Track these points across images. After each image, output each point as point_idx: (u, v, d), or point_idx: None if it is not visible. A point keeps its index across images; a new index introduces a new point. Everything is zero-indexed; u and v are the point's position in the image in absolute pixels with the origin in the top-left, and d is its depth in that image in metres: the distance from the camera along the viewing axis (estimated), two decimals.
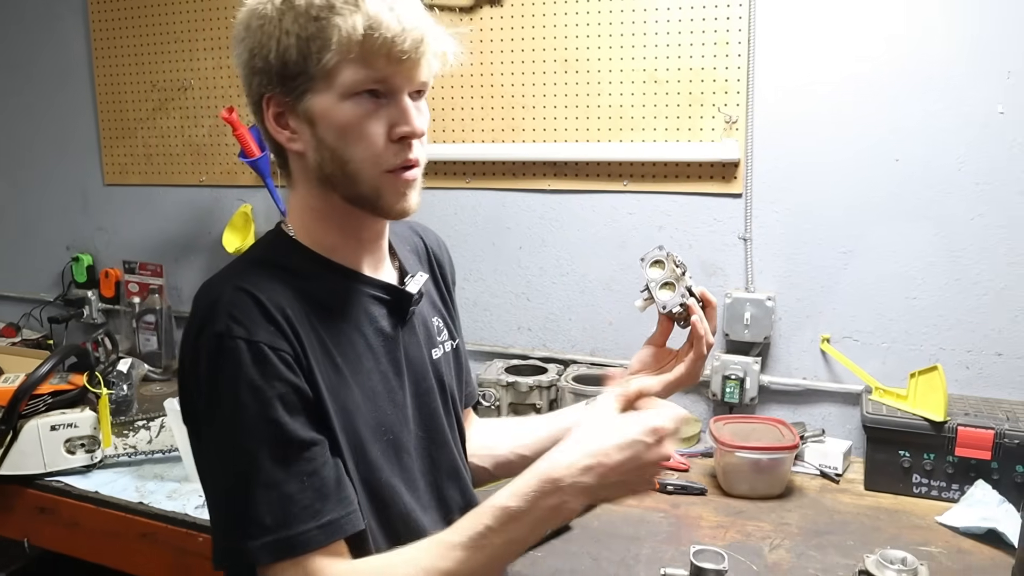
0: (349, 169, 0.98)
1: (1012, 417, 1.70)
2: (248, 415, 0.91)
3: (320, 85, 0.95)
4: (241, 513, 0.91)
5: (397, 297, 1.09)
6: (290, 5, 0.94)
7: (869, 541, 1.48)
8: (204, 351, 0.93)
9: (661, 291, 1.25)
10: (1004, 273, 1.82)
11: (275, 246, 1.06)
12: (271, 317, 0.94)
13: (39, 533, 1.85)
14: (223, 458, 0.93)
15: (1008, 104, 1.76)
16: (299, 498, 0.91)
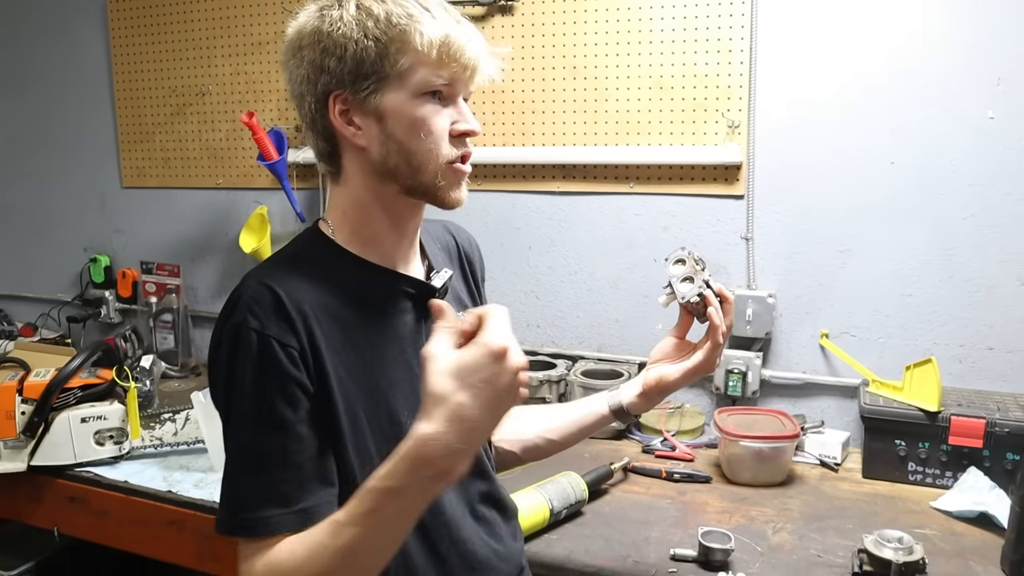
0: (415, 160, 1.07)
1: (1002, 407, 1.78)
2: (250, 401, 1.00)
3: (393, 84, 1.04)
4: (232, 487, 1.01)
5: (423, 291, 1.16)
6: (369, 13, 1.03)
7: (867, 525, 1.55)
8: (225, 339, 1.02)
9: (681, 284, 1.33)
10: (995, 271, 1.90)
11: (309, 243, 1.13)
12: (286, 314, 1.01)
13: (69, 522, 1.92)
14: (229, 435, 1.03)
15: (998, 110, 1.84)
16: (279, 484, 0.99)
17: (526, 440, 1.39)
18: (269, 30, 2.49)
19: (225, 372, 1.02)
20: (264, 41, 2.50)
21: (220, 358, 1.03)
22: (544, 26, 2.18)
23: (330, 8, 1.05)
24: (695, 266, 1.32)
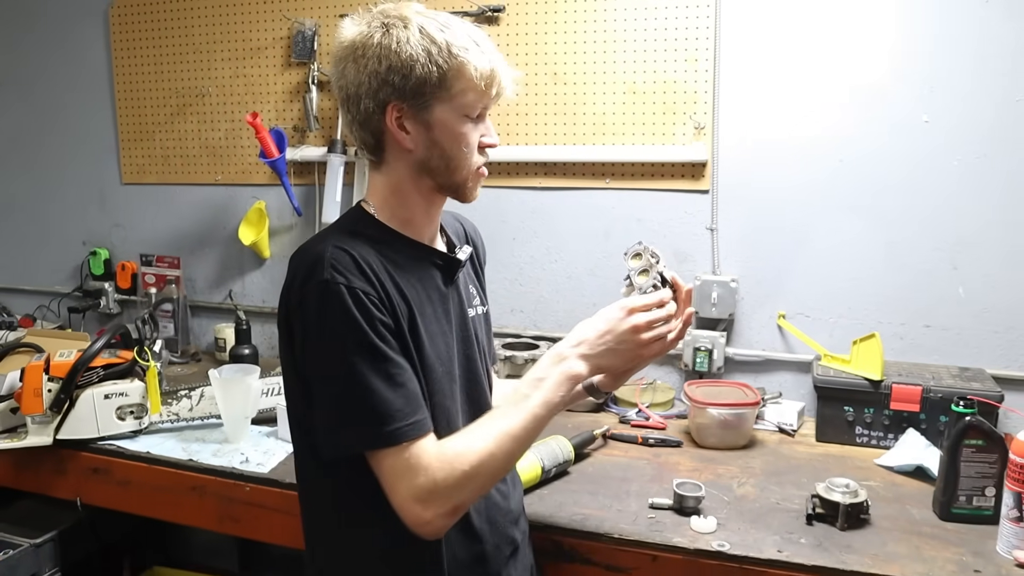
0: (452, 165, 1.28)
1: (936, 377, 2.01)
2: (352, 341, 1.17)
3: (445, 102, 1.24)
4: (350, 414, 1.18)
5: (448, 262, 1.37)
6: (433, 40, 1.21)
7: (820, 478, 1.71)
8: (312, 295, 1.18)
9: (639, 277, 1.51)
10: (930, 258, 2.13)
11: (359, 220, 1.32)
12: (363, 269, 1.20)
13: (92, 492, 2.05)
14: (334, 375, 1.18)
15: (931, 114, 2.07)
16: (392, 402, 1.18)
17: None
18: (268, 36, 2.64)
19: (319, 322, 1.18)
20: (263, 46, 2.65)
21: (309, 312, 1.18)
22: (527, 35, 2.37)
23: (394, 26, 1.22)
24: (650, 259, 1.49)
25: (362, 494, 1.24)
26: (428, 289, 1.32)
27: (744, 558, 1.51)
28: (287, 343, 1.25)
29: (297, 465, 1.40)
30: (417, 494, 1.17)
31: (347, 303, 1.17)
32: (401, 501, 1.18)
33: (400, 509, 1.18)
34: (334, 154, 2.52)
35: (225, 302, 2.86)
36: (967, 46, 2.03)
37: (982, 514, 1.61)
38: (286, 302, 1.24)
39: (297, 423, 1.33)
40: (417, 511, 1.18)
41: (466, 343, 1.39)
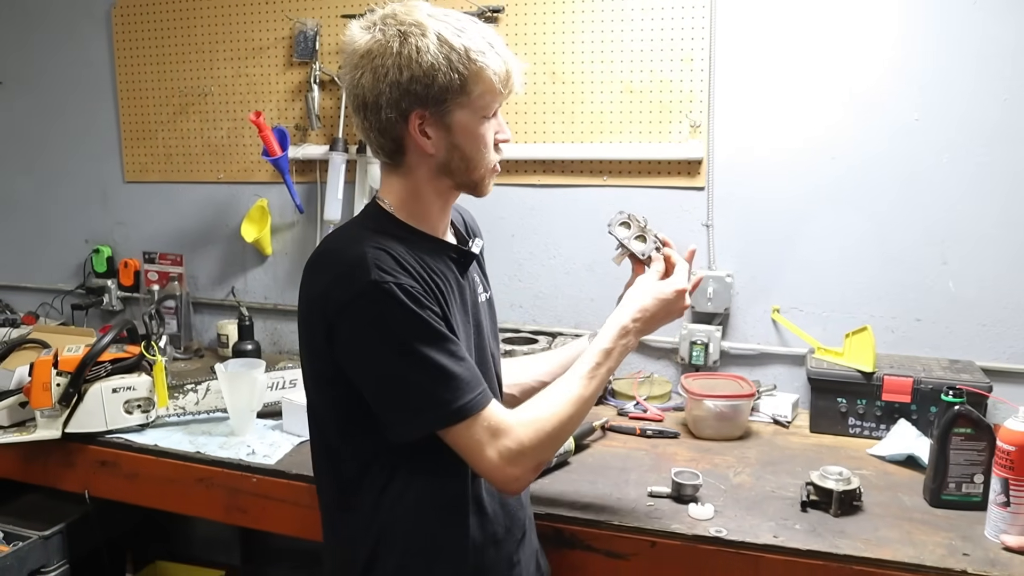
0: (472, 164, 1.33)
1: (927, 369, 2.06)
2: (412, 331, 1.22)
3: (465, 106, 1.28)
4: (426, 396, 1.23)
5: (462, 255, 1.42)
6: (451, 47, 1.24)
7: (813, 467, 1.76)
8: (364, 296, 1.21)
9: (636, 243, 1.57)
10: (921, 253, 2.18)
11: (384, 219, 1.35)
12: (404, 266, 1.24)
13: (100, 484, 2.09)
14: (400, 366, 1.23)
15: (922, 113, 2.12)
16: (463, 377, 1.24)
17: (524, 384, 1.65)
18: (270, 36, 2.68)
19: (375, 321, 1.22)
20: (265, 46, 2.69)
21: (362, 313, 1.22)
22: (527, 36, 2.41)
23: (411, 34, 1.24)
24: (640, 225, 1.57)
25: (396, 483, 1.32)
26: (449, 281, 1.36)
27: (740, 543, 1.56)
28: (327, 344, 1.27)
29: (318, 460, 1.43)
30: (507, 455, 1.26)
31: (400, 299, 1.21)
32: (491, 464, 1.26)
33: (490, 471, 1.27)
34: (336, 152, 2.56)
35: (228, 299, 2.90)
36: (957, 46, 2.08)
37: (971, 500, 1.65)
38: (324, 306, 1.26)
39: (318, 420, 1.38)
40: (508, 470, 1.27)
41: (477, 330, 1.44)
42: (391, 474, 1.33)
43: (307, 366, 1.37)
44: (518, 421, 1.28)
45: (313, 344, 1.31)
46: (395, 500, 1.34)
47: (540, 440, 1.29)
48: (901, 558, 1.48)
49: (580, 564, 1.65)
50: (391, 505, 1.34)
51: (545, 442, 1.30)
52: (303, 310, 1.34)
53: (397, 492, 1.33)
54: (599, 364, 1.39)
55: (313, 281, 1.30)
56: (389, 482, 1.33)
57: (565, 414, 1.33)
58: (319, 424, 1.39)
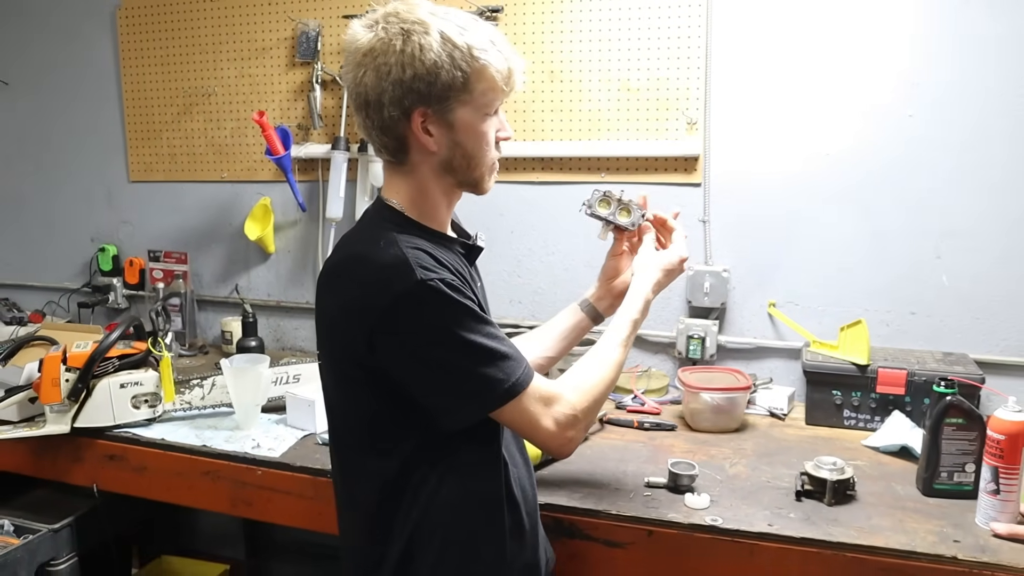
0: (474, 162, 1.36)
1: (921, 361, 2.09)
2: (462, 321, 1.26)
3: (467, 104, 1.31)
4: (481, 380, 1.27)
5: (470, 249, 1.45)
6: (454, 44, 1.26)
7: (808, 458, 1.78)
8: (411, 296, 1.23)
9: (622, 216, 1.65)
10: (916, 248, 2.20)
11: (397, 220, 1.36)
12: (441, 263, 1.28)
13: (108, 478, 2.12)
14: (454, 356, 1.26)
15: (915, 109, 2.15)
16: (512, 356, 1.30)
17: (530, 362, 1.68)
18: (273, 36, 2.71)
19: (426, 318, 1.25)
20: (268, 47, 2.72)
21: (410, 312, 1.24)
22: (525, 35, 2.45)
23: (414, 32, 1.25)
24: (620, 198, 1.64)
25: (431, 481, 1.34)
26: (463, 274, 1.38)
27: (736, 531, 1.59)
28: (366, 350, 1.28)
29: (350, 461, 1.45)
30: (563, 420, 1.36)
31: (447, 294, 1.24)
32: (547, 432, 1.35)
33: (549, 439, 1.36)
34: (338, 151, 2.60)
35: (232, 296, 2.93)
36: (950, 42, 2.11)
37: (963, 489, 1.69)
38: (362, 310, 1.26)
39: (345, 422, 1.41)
40: (566, 434, 1.36)
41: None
42: (427, 473, 1.35)
43: (335, 374, 1.38)
44: (569, 387, 1.39)
45: (348, 352, 1.31)
46: (430, 498, 1.35)
47: (589, 403, 1.40)
48: (893, 545, 1.51)
49: (579, 553, 1.68)
50: (426, 503, 1.35)
51: (592, 405, 1.41)
52: (331, 318, 1.35)
53: (432, 490, 1.35)
54: (630, 334, 1.52)
55: (345, 287, 1.31)
56: (424, 481, 1.35)
57: (608, 377, 1.46)
58: (347, 427, 1.41)
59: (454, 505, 1.36)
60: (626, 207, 1.65)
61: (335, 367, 1.38)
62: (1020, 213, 2.11)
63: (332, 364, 1.39)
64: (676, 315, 2.43)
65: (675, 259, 1.62)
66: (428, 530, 1.36)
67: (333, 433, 1.45)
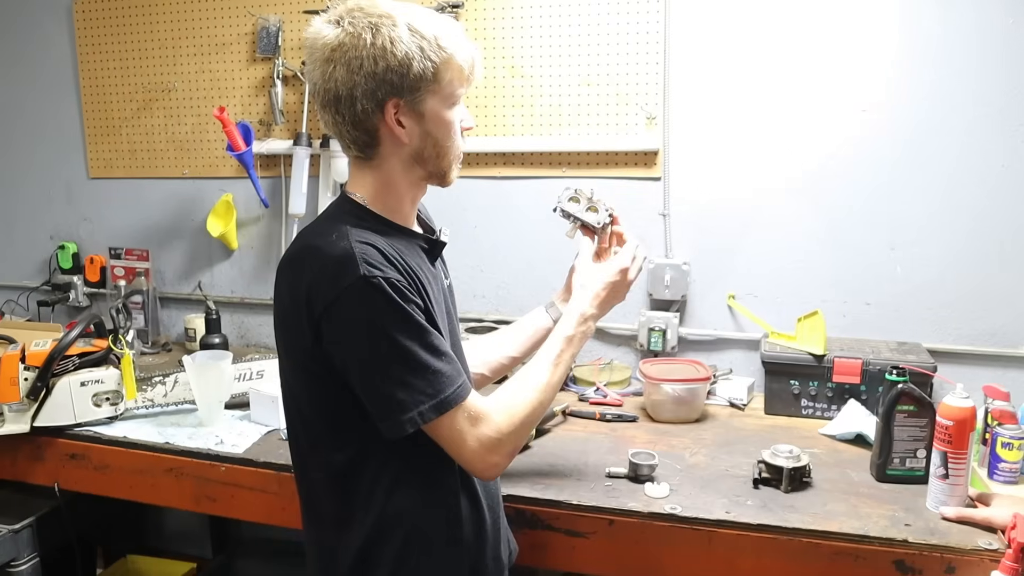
0: (442, 152, 1.38)
1: (876, 351, 2.14)
2: (400, 327, 1.25)
3: (436, 94, 1.32)
4: (410, 391, 1.26)
5: (433, 245, 1.46)
6: (422, 36, 1.28)
7: (767, 447, 1.82)
8: (352, 290, 1.24)
9: (589, 214, 1.65)
10: (870, 240, 2.25)
11: (357, 213, 1.37)
12: (390, 260, 1.28)
13: (69, 477, 2.11)
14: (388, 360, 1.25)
15: (870, 104, 2.19)
16: (443, 371, 1.28)
17: (492, 362, 1.71)
18: (233, 31, 2.70)
19: (365, 316, 1.24)
20: (228, 42, 2.71)
21: (351, 308, 1.24)
22: (486, 30, 2.46)
23: (383, 25, 1.27)
24: (589, 197, 1.65)
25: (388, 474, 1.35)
26: (425, 271, 1.39)
27: (694, 519, 1.62)
28: (312, 341, 1.29)
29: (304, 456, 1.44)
30: (486, 443, 1.32)
31: (389, 294, 1.24)
32: (471, 453, 1.32)
33: (471, 460, 1.33)
34: (300, 147, 2.59)
35: (195, 293, 2.92)
36: (902, 38, 2.15)
37: (914, 474, 1.73)
38: (309, 302, 1.27)
39: (301, 415, 1.40)
40: (488, 458, 1.33)
41: (449, 316, 1.48)
42: (382, 465, 1.35)
43: (289, 363, 1.39)
44: (495, 408, 1.34)
45: (298, 342, 1.32)
46: (388, 492, 1.36)
47: (515, 427, 1.35)
48: (847, 530, 1.56)
49: (542, 543, 1.71)
50: (384, 493, 1.36)
51: (519, 429, 1.36)
52: (284, 307, 1.35)
53: (389, 483, 1.36)
54: (563, 351, 1.47)
55: (295, 278, 1.31)
56: (380, 473, 1.36)
57: (536, 400, 1.40)
58: (303, 417, 1.40)
59: (412, 499, 1.37)
60: (594, 206, 1.65)
61: (289, 358, 1.39)
62: (969, 205, 2.16)
63: (286, 355, 1.39)
64: (637, 308, 2.46)
65: (613, 271, 1.57)
66: (386, 524, 1.37)
67: (291, 425, 1.45)
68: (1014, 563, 1.42)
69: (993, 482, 1.73)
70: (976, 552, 1.49)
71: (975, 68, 2.11)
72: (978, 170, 2.14)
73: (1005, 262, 2.16)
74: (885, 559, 1.53)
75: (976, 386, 1.84)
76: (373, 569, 1.38)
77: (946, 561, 1.50)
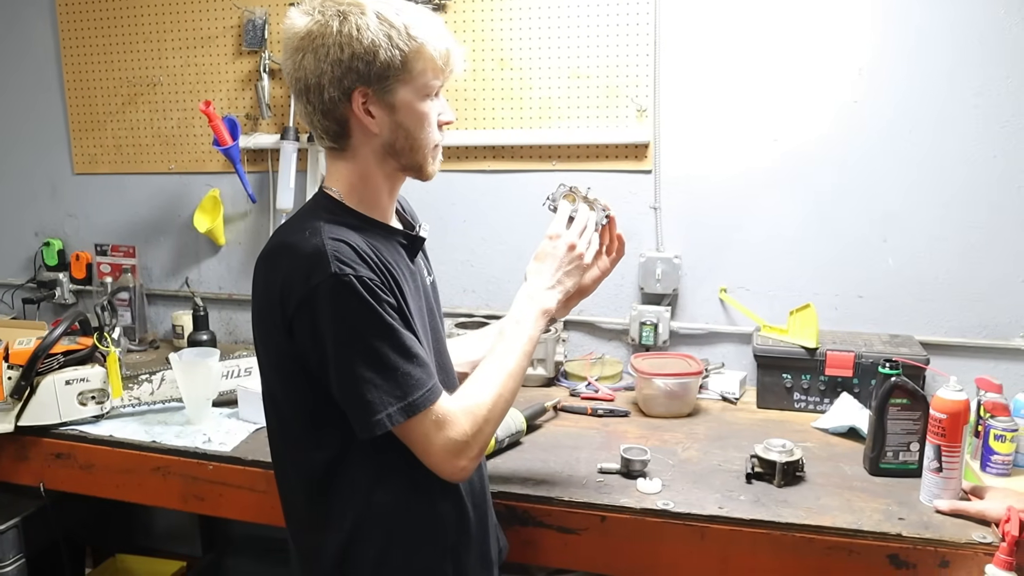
0: (416, 145, 1.34)
1: (868, 344, 2.13)
2: (370, 327, 1.23)
3: (407, 84, 1.30)
4: (379, 392, 1.24)
5: (412, 240, 1.44)
6: (391, 24, 1.26)
7: (759, 441, 1.80)
8: (323, 289, 1.22)
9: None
10: (863, 232, 2.24)
11: (332, 208, 1.35)
12: (363, 257, 1.25)
13: (55, 477, 2.08)
14: (358, 359, 1.24)
15: (858, 95, 2.18)
16: (412, 374, 1.25)
17: (475, 360, 1.66)
18: (218, 24, 2.67)
19: (335, 315, 1.22)
20: (214, 35, 2.68)
21: (322, 306, 1.22)
22: (475, 22, 2.43)
23: (351, 14, 1.26)
24: (583, 195, 1.60)
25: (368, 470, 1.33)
26: (402, 267, 1.37)
27: (687, 515, 1.61)
28: (286, 338, 1.28)
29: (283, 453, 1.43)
30: (452, 447, 1.29)
31: (360, 292, 1.22)
32: (438, 458, 1.30)
33: (438, 465, 1.31)
34: (287, 141, 2.56)
35: (182, 289, 2.89)
36: (894, 30, 2.14)
37: (907, 468, 1.72)
38: (282, 299, 1.26)
39: (279, 413, 1.39)
40: (454, 462, 1.30)
41: (430, 313, 1.47)
42: (361, 464, 1.34)
43: (266, 359, 1.37)
44: (460, 410, 1.31)
45: (273, 339, 1.31)
46: (369, 490, 1.34)
47: (480, 426, 1.32)
48: (840, 524, 1.54)
49: (533, 540, 1.69)
50: (365, 492, 1.34)
51: (484, 427, 1.33)
52: (259, 305, 1.34)
53: (369, 482, 1.34)
54: (515, 337, 1.43)
55: (270, 275, 1.30)
56: (360, 472, 1.34)
57: (497, 394, 1.36)
58: (281, 415, 1.39)
59: (392, 498, 1.36)
60: (589, 205, 1.61)
61: (267, 355, 1.37)
62: (961, 197, 2.16)
63: (264, 352, 1.37)
64: (629, 302, 2.44)
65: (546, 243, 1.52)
66: (366, 523, 1.36)
67: (270, 423, 1.43)
68: (1008, 556, 1.41)
69: (986, 474, 1.72)
70: (970, 545, 1.48)
71: (965, 60, 2.10)
72: (969, 162, 2.14)
73: (997, 254, 2.15)
74: (879, 553, 1.51)
75: (968, 378, 1.83)
76: (353, 569, 1.37)
77: (940, 555, 1.49)
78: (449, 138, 2.46)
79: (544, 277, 1.49)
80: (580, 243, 1.52)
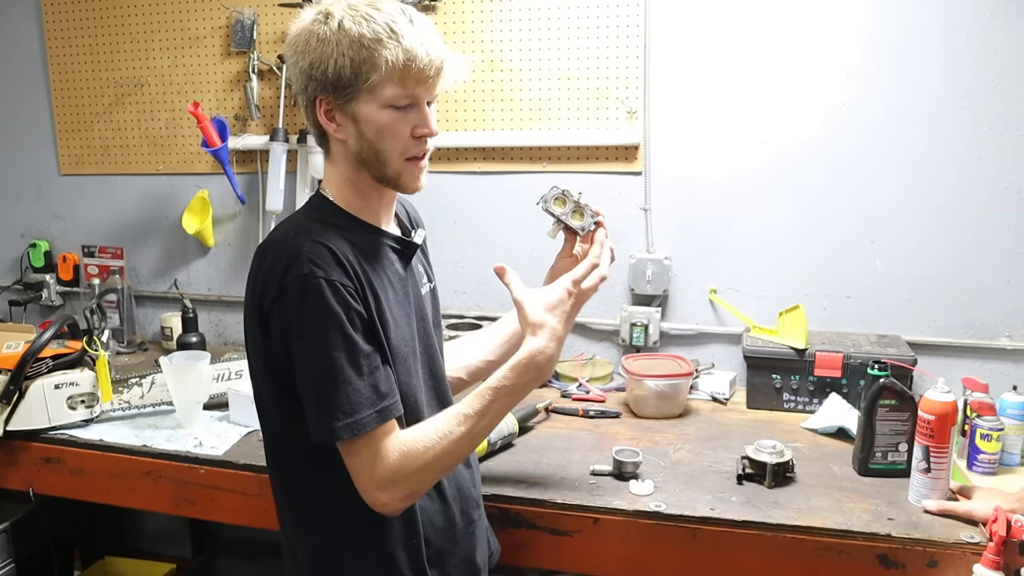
0: (381, 157, 1.31)
1: (857, 344, 2.15)
2: (332, 333, 1.23)
3: (365, 96, 1.27)
4: (329, 402, 1.23)
5: (405, 246, 1.43)
6: (346, 33, 1.24)
7: (750, 442, 1.81)
8: (293, 289, 1.23)
9: (573, 219, 1.59)
10: (850, 233, 2.26)
11: (324, 209, 1.36)
12: (340, 262, 1.25)
13: (44, 481, 2.07)
14: (316, 366, 1.24)
15: (847, 98, 2.20)
16: (361, 392, 1.24)
17: (469, 365, 1.68)
18: (206, 25, 2.65)
19: (300, 315, 1.23)
20: (202, 36, 2.66)
21: (290, 306, 1.23)
22: (464, 24, 2.43)
23: (322, 22, 1.26)
24: (576, 200, 1.58)
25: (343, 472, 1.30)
26: (389, 274, 1.37)
27: (679, 516, 1.62)
28: (262, 335, 1.29)
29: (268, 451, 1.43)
30: (376, 481, 1.26)
31: (326, 296, 1.22)
32: (361, 485, 1.27)
33: (362, 491, 1.28)
34: (276, 142, 2.55)
35: (171, 291, 2.88)
36: (883, 32, 2.15)
37: (896, 468, 1.74)
38: (261, 296, 1.27)
39: (264, 410, 1.39)
40: (375, 495, 1.27)
41: (423, 321, 1.46)
42: (339, 465, 1.32)
43: (252, 359, 1.37)
44: (398, 447, 1.26)
45: (254, 337, 1.33)
46: (345, 491, 1.33)
47: (412, 471, 1.27)
48: (830, 525, 1.56)
49: (526, 542, 1.70)
50: (341, 497, 1.33)
51: (417, 474, 1.27)
52: (247, 300, 1.35)
53: (346, 483, 1.32)
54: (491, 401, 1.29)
55: (254, 272, 1.31)
56: (338, 474, 1.32)
57: (444, 451, 1.27)
58: (266, 413, 1.40)
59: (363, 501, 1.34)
60: (580, 210, 1.59)
61: (253, 353, 1.37)
62: (947, 198, 2.17)
63: (252, 351, 1.37)
64: (619, 303, 2.45)
65: (560, 292, 1.37)
66: (343, 525, 1.36)
67: (260, 420, 1.43)
68: (995, 556, 1.43)
69: (972, 473, 1.75)
70: (958, 545, 1.50)
71: (954, 62, 2.12)
72: (955, 164, 2.15)
73: (983, 255, 2.17)
74: (869, 553, 1.53)
75: (955, 377, 1.87)
76: (329, 571, 1.38)
77: (929, 554, 1.51)
78: (439, 139, 2.46)
79: (556, 333, 1.33)
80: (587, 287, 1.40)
